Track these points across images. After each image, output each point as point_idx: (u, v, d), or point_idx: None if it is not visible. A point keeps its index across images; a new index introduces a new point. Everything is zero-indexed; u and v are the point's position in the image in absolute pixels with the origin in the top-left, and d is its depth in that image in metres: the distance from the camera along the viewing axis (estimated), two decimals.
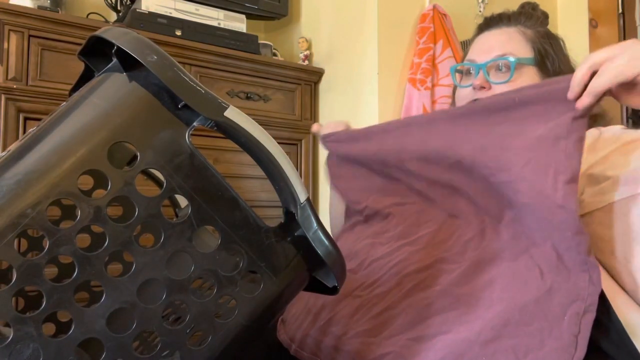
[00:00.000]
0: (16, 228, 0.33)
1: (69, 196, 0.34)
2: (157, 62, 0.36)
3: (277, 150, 0.40)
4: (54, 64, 1.31)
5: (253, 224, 0.41)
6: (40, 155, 0.35)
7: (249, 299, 0.41)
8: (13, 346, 0.32)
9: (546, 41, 0.87)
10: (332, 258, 0.43)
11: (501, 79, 0.84)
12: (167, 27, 1.50)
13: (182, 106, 0.38)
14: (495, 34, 0.89)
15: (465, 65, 0.92)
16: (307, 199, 0.42)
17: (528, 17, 0.90)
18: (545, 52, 0.86)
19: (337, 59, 1.72)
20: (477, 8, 1.74)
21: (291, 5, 1.91)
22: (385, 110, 1.52)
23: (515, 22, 0.89)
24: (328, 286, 0.48)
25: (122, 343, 0.36)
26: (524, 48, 0.86)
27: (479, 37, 0.92)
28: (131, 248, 0.36)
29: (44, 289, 0.33)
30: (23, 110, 1.26)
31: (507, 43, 0.86)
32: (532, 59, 0.85)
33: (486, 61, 0.86)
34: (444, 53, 1.52)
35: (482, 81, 0.85)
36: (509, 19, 0.90)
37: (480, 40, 0.91)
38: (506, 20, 0.90)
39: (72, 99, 0.40)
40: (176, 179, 0.37)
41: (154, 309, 0.37)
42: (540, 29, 0.89)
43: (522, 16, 0.90)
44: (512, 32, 0.88)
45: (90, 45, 0.43)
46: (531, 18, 0.90)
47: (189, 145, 0.38)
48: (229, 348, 0.41)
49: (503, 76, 0.84)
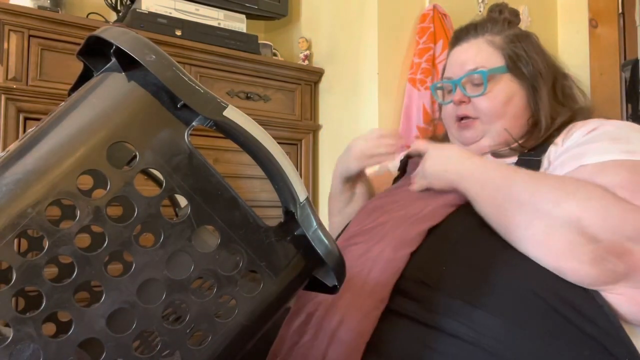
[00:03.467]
0: (16, 228, 0.33)
1: (68, 196, 0.34)
2: (156, 62, 0.36)
3: (277, 150, 0.40)
4: (54, 64, 1.31)
5: (253, 224, 0.41)
6: (40, 155, 0.35)
7: (249, 298, 0.41)
8: (13, 346, 0.32)
9: (516, 44, 0.88)
10: (332, 257, 0.43)
11: (477, 91, 0.87)
12: (167, 27, 1.50)
13: (181, 106, 0.38)
14: (465, 47, 0.91)
15: (444, 83, 0.94)
16: (307, 198, 0.42)
17: (494, 23, 0.91)
18: (517, 56, 0.87)
19: (337, 59, 1.72)
20: (477, 8, 1.74)
21: (291, 5, 1.91)
22: (385, 110, 1.52)
23: (482, 32, 0.90)
24: (328, 285, 0.48)
25: (122, 343, 0.36)
26: (494, 57, 0.87)
27: (452, 53, 0.95)
28: (131, 248, 0.36)
29: (43, 289, 0.33)
30: (23, 110, 1.26)
31: (477, 55, 0.88)
32: (503, 67, 0.87)
33: (460, 77, 0.88)
34: (444, 53, 1.52)
35: (461, 96, 0.88)
36: (476, 30, 0.91)
37: (453, 56, 0.93)
38: (473, 32, 0.91)
39: (71, 99, 0.40)
40: (175, 179, 0.37)
41: (154, 308, 0.37)
42: (508, 32, 0.89)
43: (489, 23, 0.91)
44: (481, 42, 0.89)
45: (89, 45, 0.43)
46: (497, 23, 0.91)
47: (188, 145, 0.38)
48: (229, 348, 0.41)
49: (478, 89, 0.87)
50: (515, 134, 0.87)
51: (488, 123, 0.86)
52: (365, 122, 1.56)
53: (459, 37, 0.93)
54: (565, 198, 0.59)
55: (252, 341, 0.44)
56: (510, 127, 0.86)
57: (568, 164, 0.68)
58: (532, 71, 0.86)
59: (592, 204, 0.58)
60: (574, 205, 0.58)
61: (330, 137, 1.75)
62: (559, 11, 2.03)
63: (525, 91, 0.86)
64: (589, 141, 0.69)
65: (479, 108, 0.87)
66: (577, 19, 1.96)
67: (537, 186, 0.62)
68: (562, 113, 0.84)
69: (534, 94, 0.86)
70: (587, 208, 0.57)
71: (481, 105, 0.86)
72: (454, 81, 0.90)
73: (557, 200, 0.59)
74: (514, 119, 0.86)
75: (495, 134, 0.86)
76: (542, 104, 0.85)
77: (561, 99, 0.87)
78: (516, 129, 0.86)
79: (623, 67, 1.78)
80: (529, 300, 0.57)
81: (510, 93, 0.86)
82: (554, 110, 0.85)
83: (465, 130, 0.89)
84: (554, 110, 0.85)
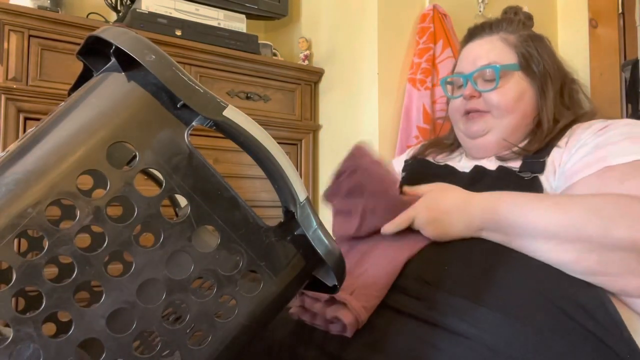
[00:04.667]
0: (15, 228, 0.33)
1: (68, 196, 0.34)
2: (156, 62, 0.36)
3: (276, 150, 0.40)
4: (54, 64, 1.31)
5: (253, 224, 0.41)
6: (39, 155, 0.35)
7: (249, 298, 0.41)
8: (13, 347, 0.32)
9: (529, 44, 0.89)
10: (332, 257, 0.43)
11: (488, 87, 0.88)
12: (167, 27, 1.50)
13: (180, 106, 0.38)
14: (479, 44, 0.92)
15: (454, 77, 0.96)
16: (307, 198, 0.42)
17: (509, 22, 0.93)
18: (529, 55, 0.88)
19: (337, 59, 1.72)
20: (477, 8, 1.74)
21: (291, 5, 1.91)
22: (385, 110, 1.52)
23: (497, 30, 0.92)
24: (328, 285, 0.48)
25: (122, 343, 0.36)
26: (508, 54, 0.89)
27: (464, 49, 0.96)
28: (131, 248, 0.36)
29: (43, 289, 0.33)
30: (23, 110, 1.26)
31: (490, 52, 0.89)
32: (516, 65, 0.88)
33: (472, 71, 0.89)
34: (444, 53, 1.52)
35: (472, 91, 0.89)
36: (491, 28, 0.93)
37: (466, 52, 0.94)
38: (488, 29, 0.93)
39: (71, 99, 0.40)
40: (175, 179, 0.37)
41: (154, 308, 0.37)
42: (522, 32, 0.91)
43: (504, 22, 0.93)
44: (495, 40, 0.91)
45: (89, 45, 0.43)
46: (512, 23, 0.93)
47: (187, 145, 0.38)
48: (229, 348, 0.41)
49: (490, 84, 0.88)
50: (520, 133, 0.87)
51: (499, 117, 0.87)
52: (365, 122, 1.56)
53: (473, 34, 0.95)
54: (610, 224, 0.57)
55: (252, 341, 0.44)
56: (517, 124, 0.87)
57: (592, 166, 0.67)
58: (542, 71, 0.87)
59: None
60: (624, 229, 0.56)
61: (330, 137, 1.75)
62: (559, 11, 2.03)
63: (535, 90, 0.88)
64: (606, 142, 0.69)
65: (490, 102, 0.88)
66: (577, 19, 1.96)
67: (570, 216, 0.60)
68: (566, 116, 0.85)
69: (542, 94, 0.86)
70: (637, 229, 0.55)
71: (493, 100, 0.87)
72: (465, 75, 0.90)
73: (604, 229, 0.57)
74: (522, 117, 0.87)
75: (501, 130, 0.87)
76: (547, 105, 0.86)
77: (567, 102, 0.88)
78: (521, 127, 0.87)
79: (623, 67, 1.78)
80: (530, 297, 0.57)
81: (521, 90, 0.87)
82: (559, 112, 0.86)
83: (472, 123, 0.90)
84: (559, 113, 0.86)
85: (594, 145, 0.71)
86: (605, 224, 0.57)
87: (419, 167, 0.98)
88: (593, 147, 0.70)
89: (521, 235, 0.62)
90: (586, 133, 0.74)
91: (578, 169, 0.70)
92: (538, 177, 0.75)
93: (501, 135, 0.87)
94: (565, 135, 0.79)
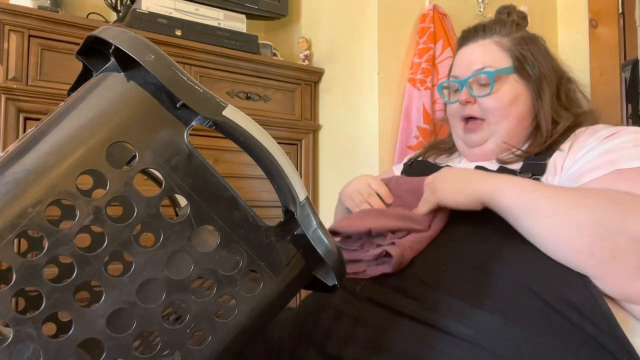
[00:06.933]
0: (15, 229, 0.33)
1: (67, 196, 0.34)
2: (155, 62, 0.36)
3: (276, 149, 0.40)
4: (54, 64, 1.31)
5: (252, 223, 0.41)
6: (39, 155, 0.35)
7: (249, 298, 0.41)
8: (13, 347, 0.32)
9: (523, 46, 0.88)
10: (332, 257, 0.43)
11: (484, 91, 0.87)
12: (167, 27, 1.50)
13: (180, 106, 0.38)
14: (473, 48, 0.91)
15: (450, 82, 0.95)
16: (307, 198, 0.42)
17: (502, 24, 0.92)
18: (524, 57, 0.88)
19: (337, 59, 1.72)
20: (477, 8, 1.74)
21: (291, 5, 1.91)
22: (385, 110, 1.52)
23: (490, 33, 0.91)
24: (328, 285, 0.48)
25: (122, 343, 0.36)
26: (502, 58, 0.88)
27: (459, 53, 0.95)
28: (131, 248, 0.36)
29: (43, 289, 0.33)
30: (23, 110, 1.26)
31: (484, 56, 0.89)
32: (510, 68, 0.87)
33: (467, 77, 0.89)
34: (444, 53, 1.52)
35: (467, 96, 0.89)
36: (484, 30, 0.92)
37: (460, 56, 0.94)
38: (481, 32, 0.92)
39: (70, 99, 0.40)
40: (175, 179, 0.37)
41: (154, 308, 0.37)
42: (516, 34, 0.90)
43: (497, 25, 0.92)
44: (488, 43, 0.90)
45: (88, 45, 0.43)
46: (506, 25, 0.91)
47: (187, 145, 0.38)
48: (229, 347, 0.41)
49: (485, 89, 0.87)
50: (519, 136, 0.87)
51: (495, 123, 0.87)
52: (365, 122, 1.56)
53: (467, 38, 0.94)
54: (625, 215, 0.56)
55: (252, 341, 0.44)
56: (515, 127, 0.86)
57: (602, 168, 0.66)
58: (537, 73, 0.86)
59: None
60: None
61: (330, 137, 1.75)
62: (559, 11, 2.03)
63: (531, 93, 0.87)
64: (617, 147, 0.68)
65: (485, 108, 0.87)
66: (577, 19, 1.96)
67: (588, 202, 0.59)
68: (565, 117, 0.84)
69: (538, 96, 0.86)
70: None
71: (487, 105, 0.87)
72: (460, 81, 0.90)
73: (622, 218, 0.56)
74: (518, 120, 0.86)
75: (500, 136, 0.87)
76: (544, 106, 0.85)
77: (565, 103, 0.88)
78: (520, 131, 0.87)
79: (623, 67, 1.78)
80: (528, 299, 0.57)
81: (516, 94, 0.86)
82: (557, 113, 0.85)
83: (471, 134, 0.90)
84: (557, 114, 0.85)
85: (603, 149, 0.70)
86: (623, 214, 0.56)
87: (420, 167, 0.98)
88: (603, 151, 0.69)
89: (531, 204, 0.61)
90: (592, 139, 0.73)
91: (587, 170, 0.69)
92: (539, 179, 0.75)
93: (500, 140, 0.87)
94: (569, 139, 0.78)
